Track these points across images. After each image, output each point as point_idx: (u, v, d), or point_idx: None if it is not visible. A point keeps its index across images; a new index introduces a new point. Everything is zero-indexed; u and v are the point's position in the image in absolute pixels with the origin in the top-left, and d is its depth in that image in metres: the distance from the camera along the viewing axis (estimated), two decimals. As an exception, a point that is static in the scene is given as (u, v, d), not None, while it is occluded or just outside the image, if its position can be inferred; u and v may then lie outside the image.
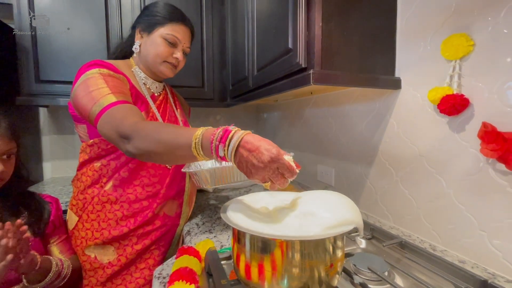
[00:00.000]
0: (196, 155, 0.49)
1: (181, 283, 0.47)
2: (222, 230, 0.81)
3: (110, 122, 0.61)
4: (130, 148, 0.56)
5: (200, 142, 0.49)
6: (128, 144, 0.56)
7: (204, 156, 0.50)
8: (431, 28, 0.69)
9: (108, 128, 0.61)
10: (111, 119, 0.61)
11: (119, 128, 0.58)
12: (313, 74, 0.65)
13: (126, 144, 0.57)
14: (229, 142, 0.46)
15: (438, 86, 0.66)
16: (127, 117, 0.60)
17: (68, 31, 1.28)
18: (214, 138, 0.47)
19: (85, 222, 0.79)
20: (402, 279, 0.55)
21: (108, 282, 0.79)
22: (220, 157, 0.47)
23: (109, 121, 0.61)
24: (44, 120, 1.58)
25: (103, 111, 0.63)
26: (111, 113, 0.62)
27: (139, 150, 0.55)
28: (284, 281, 0.41)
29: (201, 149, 0.49)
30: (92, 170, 0.79)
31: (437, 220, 0.70)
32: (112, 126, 0.60)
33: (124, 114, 0.61)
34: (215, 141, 0.47)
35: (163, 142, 0.53)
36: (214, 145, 0.47)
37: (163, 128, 0.56)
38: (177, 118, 0.93)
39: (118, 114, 0.62)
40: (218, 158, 0.48)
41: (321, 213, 0.45)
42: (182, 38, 0.83)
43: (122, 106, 0.64)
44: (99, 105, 0.64)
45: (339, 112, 1.07)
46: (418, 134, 0.74)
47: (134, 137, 0.55)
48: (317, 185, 1.23)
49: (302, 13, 0.69)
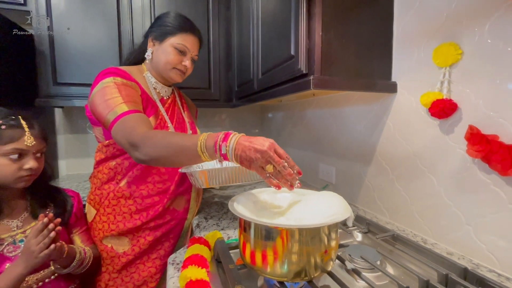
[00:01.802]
0: (201, 155, 0.58)
1: (194, 267, 0.53)
2: (228, 224, 0.88)
3: (122, 130, 0.69)
4: (139, 155, 0.65)
5: (205, 142, 0.57)
6: (137, 151, 0.65)
7: (208, 156, 0.58)
8: (424, 36, 0.74)
9: (121, 136, 0.69)
10: (123, 127, 0.69)
11: (129, 137, 0.66)
12: (313, 79, 0.71)
13: (135, 152, 0.65)
14: (230, 140, 0.55)
15: (430, 91, 0.71)
16: (137, 127, 0.68)
17: (82, 35, 1.35)
18: (218, 138, 0.56)
19: (102, 215, 0.86)
20: (393, 268, 0.61)
21: (123, 270, 0.85)
22: (222, 154, 0.56)
23: (122, 129, 0.69)
24: (60, 120, 1.66)
25: (117, 120, 0.70)
26: (123, 122, 0.70)
27: (148, 156, 0.64)
28: (285, 265, 0.47)
29: (206, 148, 0.57)
30: (108, 168, 0.86)
31: (428, 216, 0.75)
32: (124, 134, 0.68)
33: (134, 124, 0.69)
34: (219, 141, 0.56)
35: (171, 147, 0.62)
36: (218, 144, 0.56)
37: (170, 135, 0.64)
38: (184, 120, 1.00)
39: (129, 123, 0.69)
40: (221, 155, 0.56)
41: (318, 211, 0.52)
42: (191, 47, 0.90)
43: (134, 116, 0.71)
44: (114, 113, 0.71)
45: (340, 113, 1.12)
46: (412, 135, 0.79)
47: (142, 146, 0.64)
48: (319, 183, 1.29)
49: (303, 22, 0.75)
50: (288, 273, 0.47)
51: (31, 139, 0.67)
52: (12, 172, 0.65)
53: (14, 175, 0.65)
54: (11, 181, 0.66)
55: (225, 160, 0.57)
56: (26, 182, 0.69)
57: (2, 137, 0.63)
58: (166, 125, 0.89)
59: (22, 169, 0.66)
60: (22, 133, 0.66)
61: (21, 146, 0.65)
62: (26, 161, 0.67)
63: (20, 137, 0.65)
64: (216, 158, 0.58)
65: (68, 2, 1.33)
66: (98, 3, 1.37)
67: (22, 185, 0.68)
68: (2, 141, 0.63)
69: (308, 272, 0.47)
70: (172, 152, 0.62)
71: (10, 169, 0.64)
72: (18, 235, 0.68)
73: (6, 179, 0.65)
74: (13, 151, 0.64)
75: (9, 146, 0.64)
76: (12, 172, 0.65)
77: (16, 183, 0.67)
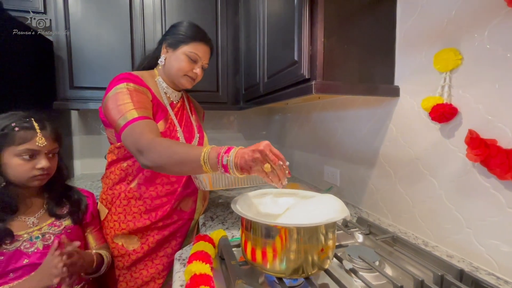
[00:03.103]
0: (203, 165, 0.61)
1: (198, 262, 0.56)
2: (233, 223, 0.91)
3: (130, 136, 0.73)
4: (145, 161, 0.69)
5: (208, 154, 0.61)
6: (143, 157, 0.69)
7: (210, 167, 0.61)
8: (426, 41, 0.75)
9: (129, 141, 0.73)
10: (132, 133, 0.73)
11: (137, 144, 0.71)
12: (315, 84, 0.73)
13: (141, 158, 0.70)
14: (231, 152, 0.59)
15: (430, 96, 0.72)
16: (144, 133, 0.72)
17: (97, 40, 1.42)
18: (221, 150, 0.60)
19: (114, 214, 0.90)
20: (391, 269, 0.62)
21: (133, 266, 0.89)
22: (224, 165, 0.59)
23: (130, 134, 0.73)
24: (75, 122, 1.74)
25: (126, 125, 0.74)
26: (132, 128, 0.74)
27: (153, 163, 0.68)
28: (283, 262, 0.50)
29: (208, 159, 0.60)
30: (119, 169, 0.90)
31: (429, 218, 0.76)
32: (132, 140, 0.72)
33: (142, 130, 0.73)
34: (222, 152, 0.59)
35: (175, 157, 0.65)
36: (221, 155, 0.59)
37: (175, 145, 0.68)
38: (192, 123, 1.04)
39: (138, 129, 0.73)
40: (222, 166, 0.59)
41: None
42: (202, 56, 0.94)
43: (142, 122, 0.75)
44: (124, 119, 0.75)
45: (344, 117, 1.13)
46: (414, 139, 0.80)
47: (148, 153, 0.68)
48: (323, 185, 1.30)
49: (306, 29, 0.77)
50: (286, 270, 0.50)
51: (42, 140, 0.70)
52: (26, 171, 0.68)
53: (27, 174, 0.69)
54: (25, 180, 0.69)
55: (226, 172, 0.59)
56: (39, 181, 0.72)
57: (16, 138, 0.67)
58: (175, 128, 0.93)
59: (34, 169, 0.69)
60: (34, 135, 0.69)
61: (33, 146, 0.69)
62: (38, 161, 0.70)
63: (32, 138, 0.69)
64: (217, 169, 0.60)
65: (84, 10, 1.41)
66: (112, 11, 1.44)
67: (36, 184, 0.72)
68: (16, 142, 0.67)
69: (305, 269, 0.50)
70: (176, 161, 0.65)
71: (23, 169, 0.68)
72: (34, 232, 0.71)
73: (21, 178, 0.69)
74: (25, 151, 0.68)
75: (22, 147, 0.67)
76: (26, 172, 0.68)
77: (30, 182, 0.70)
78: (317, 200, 0.64)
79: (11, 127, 0.67)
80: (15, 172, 0.68)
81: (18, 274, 0.67)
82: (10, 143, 0.67)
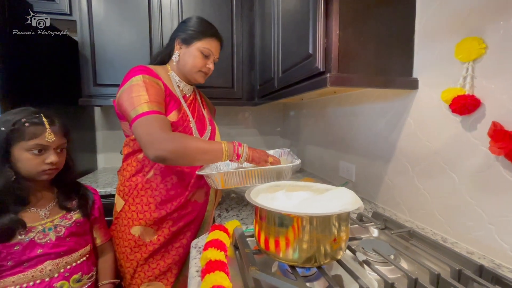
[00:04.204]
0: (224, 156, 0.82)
1: (213, 249, 0.58)
2: (247, 215, 0.92)
3: (140, 127, 0.77)
4: (158, 153, 0.75)
5: (227, 146, 0.83)
6: (155, 150, 0.74)
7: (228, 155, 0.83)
8: (447, 31, 0.72)
9: (138, 133, 0.77)
10: (142, 126, 0.77)
11: (149, 137, 0.75)
12: (329, 77, 0.73)
13: (153, 150, 0.75)
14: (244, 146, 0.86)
15: (451, 87, 0.70)
16: (155, 127, 0.76)
17: (118, 40, 1.48)
18: (235, 143, 0.85)
19: (131, 205, 0.92)
20: (407, 263, 0.61)
21: (150, 258, 0.92)
22: (238, 154, 0.84)
23: (140, 126, 0.77)
24: (98, 118, 1.83)
25: (137, 118, 0.78)
26: (142, 121, 0.78)
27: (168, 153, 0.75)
28: (296, 251, 0.50)
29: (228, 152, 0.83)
30: (136, 161, 0.93)
31: (449, 214, 0.74)
32: (145, 132, 0.76)
33: (153, 124, 0.77)
34: (236, 145, 0.84)
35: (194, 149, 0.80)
36: (236, 147, 0.84)
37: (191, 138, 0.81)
38: (204, 116, 1.06)
39: (149, 122, 0.77)
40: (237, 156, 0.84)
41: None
42: (214, 51, 0.97)
43: (153, 117, 0.79)
44: (135, 112, 0.79)
45: (361, 111, 1.12)
46: (433, 132, 0.78)
47: (163, 145, 0.74)
48: (338, 180, 1.29)
49: (321, 21, 0.77)
50: (298, 258, 0.51)
51: (51, 136, 0.72)
52: (35, 165, 0.71)
53: (37, 169, 0.71)
54: (35, 174, 0.72)
55: (237, 159, 0.84)
56: (48, 176, 0.74)
57: (26, 133, 0.69)
58: (188, 119, 0.96)
59: (44, 163, 0.71)
60: (44, 130, 0.71)
61: (42, 142, 0.70)
62: (47, 156, 0.72)
63: (41, 133, 0.70)
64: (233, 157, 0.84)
65: (106, 11, 1.47)
66: (132, 11, 1.50)
67: (45, 178, 0.74)
68: (26, 137, 0.69)
69: (317, 258, 0.50)
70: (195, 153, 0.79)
71: (33, 163, 0.70)
72: (47, 223, 0.74)
73: (31, 172, 0.71)
74: (35, 146, 0.70)
75: (32, 142, 0.69)
76: (35, 166, 0.71)
77: (40, 176, 0.72)
78: (330, 194, 0.64)
79: (22, 122, 0.69)
80: (25, 166, 0.70)
81: (32, 263, 0.70)
82: (20, 138, 0.69)
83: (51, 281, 0.72)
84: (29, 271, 0.69)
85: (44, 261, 0.71)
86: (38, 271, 0.70)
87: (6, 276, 0.67)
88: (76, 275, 0.77)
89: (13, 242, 0.68)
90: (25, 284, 0.69)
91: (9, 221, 0.67)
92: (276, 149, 1.07)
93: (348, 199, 0.56)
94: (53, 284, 0.72)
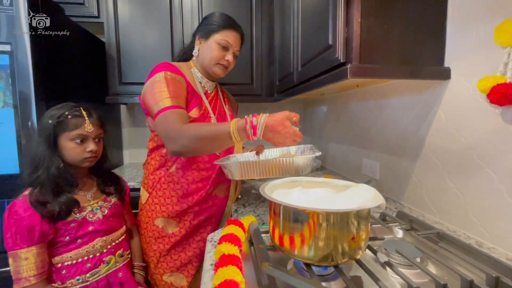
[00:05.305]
0: (232, 135, 0.69)
1: (227, 243, 0.58)
2: (264, 211, 0.91)
3: (162, 123, 0.79)
4: (174, 147, 0.75)
5: (237, 124, 0.69)
6: (172, 144, 0.75)
7: (240, 137, 0.69)
8: (484, 13, 0.65)
9: (160, 127, 0.79)
10: (163, 120, 0.79)
11: (167, 131, 0.76)
12: (350, 68, 0.69)
13: (170, 144, 0.76)
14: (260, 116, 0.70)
15: (489, 75, 0.63)
16: (175, 122, 0.77)
17: (141, 39, 1.54)
18: (248, 119, 0.69)
19: (154, 198, 0.96)
20: (436, 267, 0.56)
21: (172, 249, 0.95)
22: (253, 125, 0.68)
23: (162, 121, 0.79)
24: (124, 115, 1.92)
25: (160, 112, 0.80)
26: (164, 116, 0.79)
27: (182, 147, 0.74)
28: (311, 248, 0.48)
29: (237, 130, 0.68)
30: (159, 155, 0.96)
31: (485, 216, 0.67)
32: (163, 127, 0.78)
33: (173, 119, 0.78)
34: (249, 118, 0.69)
35: (204, 136, 0.72)
36: (249, 121, 0.69)
37: (202, 126, 0.74)
38: (225, 112, 1.06)
39: (169, 117, 0.78)
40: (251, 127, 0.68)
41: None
42: (233, 43, 0.96)
43: (174, 111, 0.80)
44: (157, 107, 0.81)
45: (385, 105, 1.05)
46: (468, 126, 0.71)
47: (177, 139, 0.74)
48: (361, 179, 1.23)
49: (341, 10, 0.73)
50: (314, 256, 0.48)
51: (90, 126, 0.80)
52: (78, 153, 0.79)
53: (79, 156, 0.79)
54: (78, 161, 0.80)
55: (254, 135, 0.68)
56: (89, 163, 0.82)
57: (69, 124, 0.77)
58: (209, 115, 0.96)
59: (85, 151, 0.80)
60: (83, 121, 0.79)
61: (83, 132, 0.78)
62: (87, 144, 0.80)
63: (81, 124, 0.78)
64: (246, 136, 0.69)
65: (131, 13, 1.53)
66: (154, 11, 1.54)
67: (86, 165, 0.82)
68: (69, 128, 0.77)
69: (334, 257, 0.48)
70: (205, 140, 0.72)
71: (76, 151, 0.78)
72: (94, 204, 0.84)
73: (74, 159, 0.79)
74: (77, 136, 0.78)
75: (74, 132, 0.77)
76: (78, 154, 0.79)
77: (83, 163, 0.81)
78: (350, 191, 0.60)
79: (65, 115, 0.77)
80: (70, 154, 0.78)
81: (85, 240, 0.79)
82: (65, 129, 0.77)
83: (101, 255, 0.82)
84: (83, 247, 0.79)
85: (94, 238, 0.81)
86: (90, 247, 0.80)
87: (64, 252, 0.77)
88: (119, 251, 0.87)
89: (69, 220, 0.77)
90: (80, 259, 0.78)
91: (66, 200, 0.75)
92: (298, 145, 1.04)
93: (369, 196, 0.52)
94: (103, 258, 0.82)
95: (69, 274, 0.76)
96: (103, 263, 0.82)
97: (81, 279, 0.77)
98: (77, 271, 0.77)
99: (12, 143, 1.08)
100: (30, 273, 0.70)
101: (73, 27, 1.35)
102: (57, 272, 0.76)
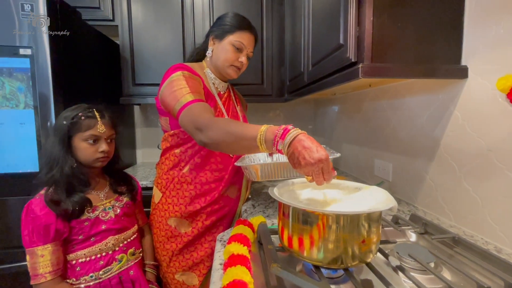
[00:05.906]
0: (259, 146, 0.59)
1: (236, 243, 0.58)
2: (274, 212, 0.91)
3: (188, 116, 0.76)
4: (203, 138, 0.70)
5: (265, 135, 0.58)
6: (202, 134, 0.70)
7: (265, 148, 0.59)
8: (504, 8, 0.63)
9: (187, 120, 0.76)
10: (189, 113, 0.76)
11: (195, 122, 0.73)
12: (362, 67, 0.68)
13: (200, 135, 0.71)
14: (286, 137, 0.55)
15: (509, 73, 0.60)
16: (202, 113, 0.75)
17: (154, 41, 1.57)
18: (277, 134, 0.57)
19: (168, 198, 0.97)
20: (450, 273, 0.54)
21: (185, 248, 0.96)
22: (278, 149, 0.57)
23: (188, 114, 0.76)
24: (137, 115, 1.96)
25: (183, 108, 0.78)
26: (190, 109, 0.77)
27: (210, 140, 0.68)
28: (321, 250, 0.48)
29: (265, 141, 0.58)
30: (173, 156, 0.97)
31: (505, 221, 0.64)
32: (190, 119, 0.75)
33: (199, 111, 0.76)
34: (278, 137, 0.56)
35: (232, 134, 0.64)
36: (276, 140, 0.56)
37: (232, 123, 0.68)
38: (237, 113, 1.07)
39: (196, 110, 0.77)
40: (276, 150, 0.57)
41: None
42: (247, 44, 0.95)
43: (198, 104, 0.79)
44: (180, 103, 0.80)
45: (399, 105, 1.03)
46: (486, 126, 0.68)
47: (207, 129, 0.69)
48: (373, 180, 1.21)
49: (353, 9, 0.71)
50: (323, 259, 0.48)
51: (102, 127, 0.81)
52: (91, 154, 0.81)
53: (92, 156, 0.81)
54: (91, 161, 0.81)
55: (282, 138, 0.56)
56: (101, 163, 0.84)
57: (82, 125, 0.79)
58: (223, 116, 0.97)
59: (97, 152, 0.81)
60: (96, 122, 0.81)
61: (96, 132, 0.80)
62: (100, 145, 0.82)
63: (94, 125, 0.80)
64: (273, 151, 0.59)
65: (144, 16, 1.57)
66: (166, 14, 1.57)
67: (98, 165, 0.83)
68: (82, 129, 0.79)
69: (344, 260, 0.47)
70: (233, 138, 0.64)
71: (89, 152, 0.80)
72: (106, 204, 0.86)
73: (87, 159, 0.81)
74: (90, 136, 0.79)
75: (87, 133, 0.79)
76: (91, 154, 0.81)
77: (95, 163, 0.82)
78: (361, 193, 0.59)
79: (79, 116, 0.79)
80: (83, 154, 0.80)
81: (98, 238, 0.81)
82: (78, 129, 0.79)
83: (114, 253, 0.84)
84: (96, 245, 0.81)
85: (107, 237, 0.83)
86: (103, 245, 0.82)
87: (78, 249, 0.79)
88: (131, 249, 0.89)
89: (83, 218, 0.79)
90: (94, 256, 0.80)
91: (79, 199, 0.77)
92: None
93: (381, 198, 0.51)
94: (115, 256, 0.84)
95: (83, 271, 0.79)
96: (115, 261, 0.84)
97: (94, 276, 0.79)
98: (90, 268, 0.79)
99: (33, 143, 1.13)
100: (46, 270, 0.72)
101: (89, 30, 1.39)
102: (72, 269, 0.78)
